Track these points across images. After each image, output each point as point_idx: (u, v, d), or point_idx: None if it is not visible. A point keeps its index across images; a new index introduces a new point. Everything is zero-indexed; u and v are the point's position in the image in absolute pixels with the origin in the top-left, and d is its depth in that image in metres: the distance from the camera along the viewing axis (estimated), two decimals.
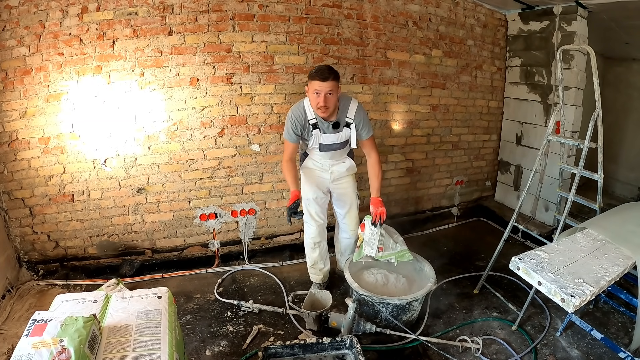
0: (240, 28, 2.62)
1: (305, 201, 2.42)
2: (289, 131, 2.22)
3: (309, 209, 2.43)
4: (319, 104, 2.06)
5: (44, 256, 2.73)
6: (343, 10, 2.85)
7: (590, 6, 2.82)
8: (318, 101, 2.06)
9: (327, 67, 2.08)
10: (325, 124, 2.20)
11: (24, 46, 2.38)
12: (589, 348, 2.08)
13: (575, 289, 1.41)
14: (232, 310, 2.39)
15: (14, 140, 2.51)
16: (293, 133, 2.21)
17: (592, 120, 2.10)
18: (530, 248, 2.21)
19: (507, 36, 3.58)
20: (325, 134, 2.22)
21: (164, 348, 1.20)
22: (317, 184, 2.41)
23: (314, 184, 2.40)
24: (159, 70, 2.55)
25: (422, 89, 3.29)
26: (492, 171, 3.94)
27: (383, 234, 2.28)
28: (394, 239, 2.35)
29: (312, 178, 2.40)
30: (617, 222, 1.99)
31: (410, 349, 2.10)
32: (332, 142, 2.26)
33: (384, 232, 2.30)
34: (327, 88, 2.02)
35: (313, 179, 2.40)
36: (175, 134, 2.68)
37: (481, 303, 2.49)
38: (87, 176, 2.64)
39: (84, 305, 1.37)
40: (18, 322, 2.20)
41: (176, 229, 2.88)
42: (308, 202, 2.42)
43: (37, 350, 1.04)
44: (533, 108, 3.43)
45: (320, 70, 2.04)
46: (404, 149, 3.38)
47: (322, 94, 2.03)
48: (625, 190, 3.77)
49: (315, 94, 2.05)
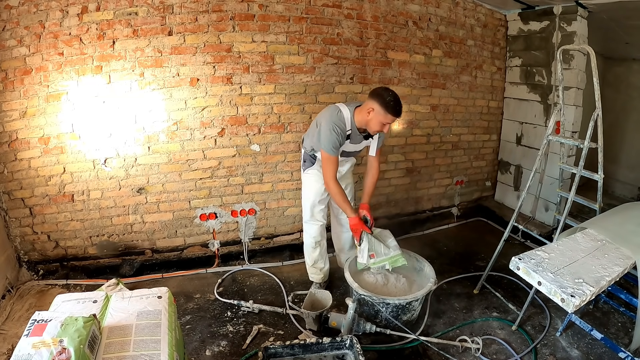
0: (240, 28, 2.62)
1: (310, 204, 2.42)
2: (335, 145, 2.11)
3: (314, 211, 2.44)
4: (381, 131, 2.11)
5: (44, 256, 2.73)
6: (343, 10, 2.85)
7: (590, 6, 2.82)
8: (382, 130, 2.09)
9: (400, 100, 2.04)
10: (359, 135, 2.22)
11: (24, 46, 2.38)
12: (589, 348, 2.08)
13: (575, 289, 1.41)
14: (232, 310, 2.39)
15: (14, 140, 2.51)
16: (339, 146, 2.13)
17: (592, 120, 2.10)
18: (530, 248, 2.22)
19: (507, 36, 3.58)
20: (352, 143, 2.25)
21: (164, 348, 1.20)
22: (322, 185, 2.37)
23: (319, 186, 2.37)
24: (159, 70, 2.55)
25: (422, 89, 3.29)
26: (492, 171, 3.94)
27: (373, 241, 2.26)
28: (386, 244, 2.31)
29: (318, 181, 2.36)
30: (617, 222, 1.99)
31: (410, 349, 2.10)
32: (355, 150, 2.35)
33: (373, 238, 2.27)
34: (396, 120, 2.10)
35: (319, 181, 2.36)
36: (175, 134, 2.68)
37: (481, 303, 2.49)
38: (87, 176, 2.64)
39: (84, 305, 1.36)
40: (18, 322, 2.20)
41: (176, 229, 2.88)
42: (313, 205, 2.42)
43: (37, 350, 1.04)
44: (533, 108, 3.43)
45: (398, 107, 2.02)
46: (404, 149, 3.38)
47: (388, 125, 2.07)
48: (625, 190, 3.77)
49: (382, 124, 2.06)
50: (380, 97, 2.02)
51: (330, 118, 2.12)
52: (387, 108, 2.01)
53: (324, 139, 2.11)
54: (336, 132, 2.09)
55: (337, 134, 2.09)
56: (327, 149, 2.12)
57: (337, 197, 2.21)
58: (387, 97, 2.01)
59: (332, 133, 2.09)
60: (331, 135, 2.09)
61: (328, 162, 2.16)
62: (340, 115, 2.14)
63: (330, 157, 2.14)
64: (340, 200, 2.20)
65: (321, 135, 2.13)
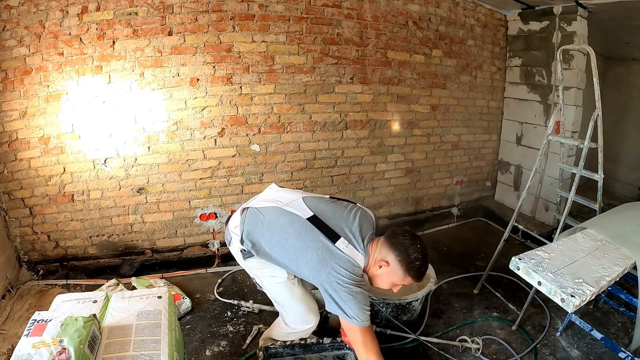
0: (240, 28, 2.62)
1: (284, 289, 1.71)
2: (367, 307, 1.45)
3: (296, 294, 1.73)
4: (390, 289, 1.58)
5: (44, 256, 2.73)
6: (343, 10, 2.85)
7: (590, 6, 2.82)
8: (393, 289, 1.56)
9: (427, 259, 1.52)
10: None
11: (24, 46, 2.38)
12: (589, 348, 2.08)
13: (575, 289, 1.41)
14: (232, 310, 2.39)
15: (14, 140, 2.51)
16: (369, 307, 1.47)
17: (592, 120, 2.10)
18: (530, 248, 2.21)
19: (507, 36, 3.58)
20: None
21: (164, 348, 1.20)
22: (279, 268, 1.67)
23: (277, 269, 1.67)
24: (159, 70, 2.55)
25: (422, 89, 3.29)
26: (492, 171, 3.94)
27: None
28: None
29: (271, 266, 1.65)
30: (617, 222, 1.99)
31: (410, 349, 2.10)
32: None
33: None
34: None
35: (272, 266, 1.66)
36: (175, 134, 2.68)
37: (481, 303, 2.49)
38: (87, 176, 2.64)
39: (84, 305, 1.36)
40: (18, 322, 2.20)
41: (176, 229, 2.88)
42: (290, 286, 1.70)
43: (37, 350, 1.04)
44: (533, 108, 3.43)
45: (424, 267, 1.49)
46: (404, 149, 3.38)
47: (400, 287, 1.55)
48: (625, 190, 3.77)
49: (394, 284, 1.53)
50: (404, 253, 1.45)
51: (348, 276, 1.42)
52: (409, 270, 1.46)
53: (350, 307, 1.41)
54: (362, 290, 1.44)
55: (364, 292, 1.45)
56: (360, 321, 1.42)
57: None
58: (413, 253, 1.45)
59: (358, 296, 1.42)
60: (356, 299, 1.41)
61: (366, 336, 1.45)
62: (358, 268, 1.48)
63: (367, 329, 1.45)
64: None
65: (339, 302, 1.42)
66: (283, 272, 1.67)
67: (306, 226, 1.51)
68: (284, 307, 1.78)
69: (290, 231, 1.53)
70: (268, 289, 1.74)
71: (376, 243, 1.52)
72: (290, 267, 1.58)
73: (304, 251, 1.48)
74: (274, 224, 1.56)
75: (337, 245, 1.46)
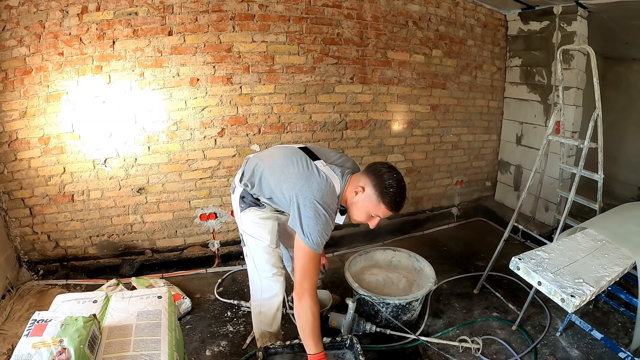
0: (240, 28, 2.62)
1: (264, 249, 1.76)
2: (325, 236, 1.46)
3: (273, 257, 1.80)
4: (364, 222, 1.59)
5: (44, 256, 2.73)
6: (343, 10, 2.85)
7: (590, 6, 2.82)
8: (370, 222, 1.57)
9: (405, 192, 1.51)
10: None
11: (24, 46, 2.38)
12: (589, 348, 2.08)
13: (575, 289, 1.41)
14: (232, 310, 2.39)
15: (14, 140, 2.51)
16: (328, 237, 1.48)
17: (592, 120, 2.10)
18: (530, 248, 2.21)
19: (507, 36, 3.58)
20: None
21: (164, 348, 1.20)
22: (274, 222, 1.78)
23: (271, 222, 1.76)
24: (159, 70, 2.55)
25: (422, 89, 3.29)
26: (492, 171, 3.94)
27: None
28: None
29: (270, 217, 1.76)
30: (617, 222, 1.98)
31: (410, 349, 2.10)
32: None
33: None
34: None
35: (270, 217, 1.76)
36: (175, 134, 2.68)
37: (481, 303, 2.49)
38: (87, 176, 2.64)
39: (84, 305, 1.37)
40: (18, 322, 2.20)
41: (176, 229, 2.88)
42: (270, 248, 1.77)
43: (37, 350, 1.04)
44: (533, 108, 3.43)
45: (400, 199, 1.48)
46: (404, 149, 3.38)
47: (377, 220, 1.55)
48: (625, 190, 3.77)
49: (369, 215, 1.53)
50: (379, 177, 1.45)
51: (320, 193, 1.44)
52: (383, 196, 1.44)
53: (309, 225, 1.42)
54: (327, 216, 1.43)
55: (328, 219, 1.44)
56: (312, 242, 1.43)
57: (306, 325, 1.49)
58: (388, 180, 1.44)
59: (322, 218, 1.42)
60: (318, 220, 1.42)
61: (310, 262, 1.46)
62: (333, 190, 1.49)
63: (314, 255, 1.45)
64: (309, 331, 1.49)
65: (302, 216, 1.44)
66: (268, 237, 1.75)
67: (294, 150, 1.67)
68: (256, 269, 1.81)
69: (279, 154, 1.68)
70: (249, 248, 1.79)
71: (357, 176, 1.57)
72: (276, 193, 1.61)
73: (287, 168, 1.57)
74: (269, 154, 1.75)
75: (315, 163, 1.56)
